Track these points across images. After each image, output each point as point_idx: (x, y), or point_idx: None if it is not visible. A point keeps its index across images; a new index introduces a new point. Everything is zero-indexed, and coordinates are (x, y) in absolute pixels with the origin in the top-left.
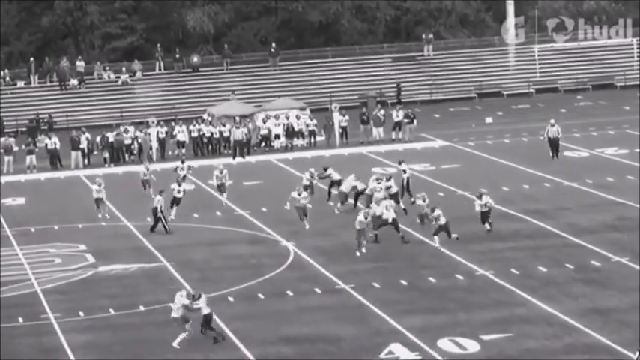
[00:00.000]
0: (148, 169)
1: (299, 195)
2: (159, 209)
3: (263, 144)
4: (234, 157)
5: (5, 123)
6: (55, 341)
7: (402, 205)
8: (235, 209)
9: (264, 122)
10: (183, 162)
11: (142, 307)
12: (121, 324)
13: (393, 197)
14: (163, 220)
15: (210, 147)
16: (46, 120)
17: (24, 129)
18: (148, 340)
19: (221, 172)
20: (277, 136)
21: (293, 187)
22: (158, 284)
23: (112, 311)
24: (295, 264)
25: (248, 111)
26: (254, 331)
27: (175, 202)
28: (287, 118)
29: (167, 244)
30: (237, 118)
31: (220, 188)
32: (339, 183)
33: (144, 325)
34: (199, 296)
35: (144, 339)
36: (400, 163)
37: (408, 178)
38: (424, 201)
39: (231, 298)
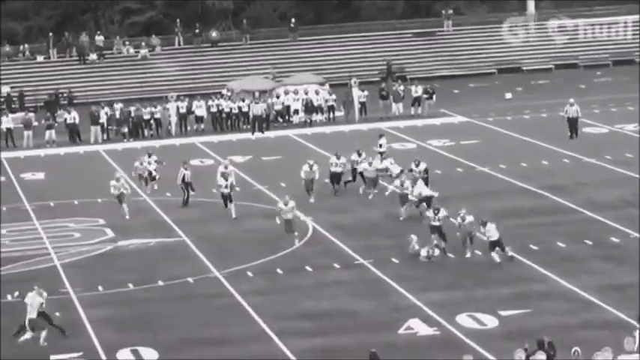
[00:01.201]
0: (142, 164)
1: (285, 205)
2: (180, 180)
3: (280, 119)
4: (253, 133)
5: (25, 97)
6: (75, 315)
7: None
8: (254, 184)
9: (278, 97)
10: (150, 155)
11: (160, 282)
12: (140, 299)
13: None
14: (186, 193)
15: (229, 122)
16: (65, 94)
17: (43, 104)
18: (166, 315)
19: (226, 168)
20: (296, 111)
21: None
22: (177, 259)
23: (131, 286)
24: (314, 239)
25: (267, 86)
26: (272, 306)
27: (225, 199)
28: (306, 93)
29: (186, 218)
30: (257, 93)
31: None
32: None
33: (162, 300)
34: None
35: (162, 314)
36: (380, 137)
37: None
38: (463, 220)
39: (250, 273)
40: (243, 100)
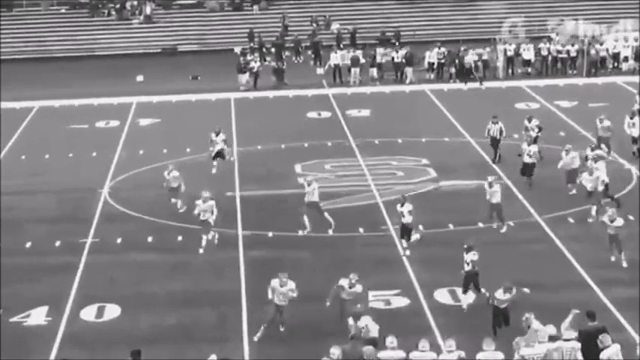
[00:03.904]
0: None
1: (350, 287)
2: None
3: (609, 66)
4: (588, 74)
5: (357, 35)
6: (393, 253)
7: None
8: (579, 130)
9: (602, 44)
10: (218, 134)
11: (480, 225)
12: (459, 240)
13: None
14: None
15: (557, 66)
16: (393, 33)
17: (372, 42)
18: (483, 258)
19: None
20: (626, 58)
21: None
22: None
23: (451, 226)
24: (638, 188)
25: (596, 32)
26: (592, 254)
27: (526, 169)
28: (635, 40)
29: (505, 159)
30: (586, 39)
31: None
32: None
33: (480, 242)
34: None
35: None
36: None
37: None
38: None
39: (571, 220)
40: (573, 45)
